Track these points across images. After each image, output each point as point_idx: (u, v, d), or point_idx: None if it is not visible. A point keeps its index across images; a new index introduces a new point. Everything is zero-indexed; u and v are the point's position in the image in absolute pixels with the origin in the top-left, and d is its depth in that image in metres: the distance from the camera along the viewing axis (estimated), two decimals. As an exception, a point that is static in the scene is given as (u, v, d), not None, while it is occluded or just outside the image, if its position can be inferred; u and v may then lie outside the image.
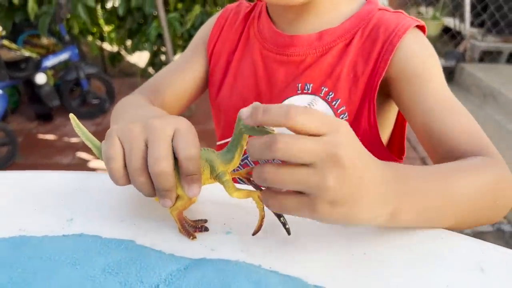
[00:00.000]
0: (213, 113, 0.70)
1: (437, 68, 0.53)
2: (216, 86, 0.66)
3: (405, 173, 0.38)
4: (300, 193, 0.32)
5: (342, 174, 0.30)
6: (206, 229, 0.40)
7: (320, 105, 0.56)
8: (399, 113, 0.62)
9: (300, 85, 0.58)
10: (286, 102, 0.58)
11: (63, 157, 2.22)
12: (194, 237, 0.39)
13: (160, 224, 0.41)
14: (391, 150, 0.63)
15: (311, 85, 0.57)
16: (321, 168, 0.30)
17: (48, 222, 0.41)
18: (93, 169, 2.11)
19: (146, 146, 0.37)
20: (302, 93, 0.57)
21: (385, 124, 0.61)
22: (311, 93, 0.57)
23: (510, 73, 2.89)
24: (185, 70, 0.66)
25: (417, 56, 0.52)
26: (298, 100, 0.57)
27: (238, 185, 0.39)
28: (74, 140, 2.39)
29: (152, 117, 0.39)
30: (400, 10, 0.57)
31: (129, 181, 0.37)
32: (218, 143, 0.68)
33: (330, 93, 0.56)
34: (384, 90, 0.55)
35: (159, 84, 0.65)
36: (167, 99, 0.64)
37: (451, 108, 0.50)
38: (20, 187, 0.47)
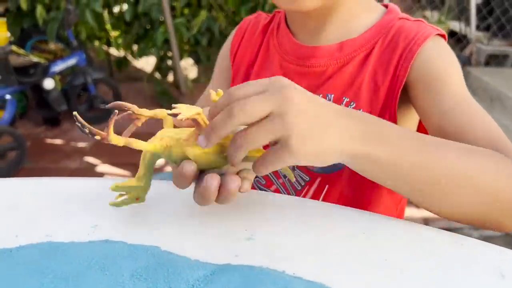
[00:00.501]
0: None
1: (457, 72, 0.53)
2: None
3: (373, 119, 0.40)
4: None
5: (297, 108, 0.35)
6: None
7: None
8: (420, 124, 0.62)
9: (321, 95, 0.57)
10: None
11: (71, 162, 2.24)
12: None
13: (183, 231, 0.41)
14: None
15: (332, 95, 0.57)
16: (278, 113, 0.34)
17: (74, 228, 0.41)
18: (101, 174, 2.12)
19: None
20: None
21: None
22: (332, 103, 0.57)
23: (517, 76, 2.89)
24: (214, 88, 0.68)
25: (437, 61, 0.52)
26: None
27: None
28: (81, 144, 2.41)
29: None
30: (421, 19, 0.57)
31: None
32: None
33: (352, 103, 0.56)
34: (404, 97, 0.55)
35: (202, 101, 0.69)
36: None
37: (468, 111, 0.49)
38: (45, 194, 0.48)
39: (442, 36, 0.55)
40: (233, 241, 0.40)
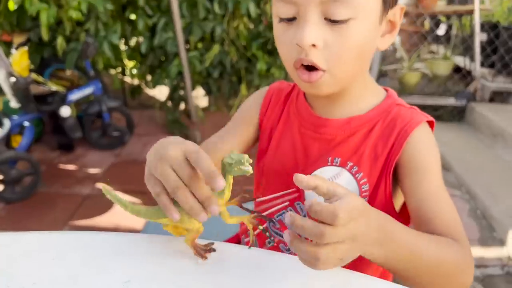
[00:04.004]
0: (256, 175, 0.80)
1: (437, 165, 0.64)
2: (262, 151, 0.78)
3: (392, 227, 0.52)
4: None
5: (355, 241, 0.46)
6: (214, 250, 0.52)
7: (345, 176, 0.67)
8: None
9: (330, 158, 0.68)
10: (317, 172, 0.68)
11: (83, 187, 2.31)
12: (205, 258, 0.50)
13: (212, 283, 0.47)
14: (402, 214, 0.71)
15: (339, 159, 0.67)
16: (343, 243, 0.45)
17: (108, 283, 0.48)
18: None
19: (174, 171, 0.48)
20: (331, 165, 0.68)
21: (399, 194, 0.70)
22: (338, 166, 0.67)
23: (520, 113, 2.94)
24: (229, 140, 0.77)
25: (422, 152, 0.64)
26: (327, 171, 0.68)
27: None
28: (93, 171, 2.48)
29: (166, 148, 0.50)
30: (414, 106, 0.68)
31: (174, 209, 0.49)
32: (259, 200, 0.77)
33: (355, 167, 0.67)
34: (395, 171, 0.65)
35: (207, 147, 0.76)
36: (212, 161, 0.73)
37: (439, 201, 0.61)
38: (84, 248, 0.54)
39: (431, 122, 0.67)
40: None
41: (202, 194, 0.48)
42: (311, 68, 0.60)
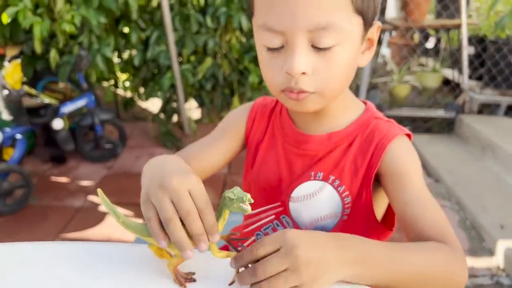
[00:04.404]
0: (244, 189, 0.82)
1: (417, 169, 0.66)
2: (248, 166, 0.80)
3: (355, 242, 0.52)
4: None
5: (306, 263, 0.47)
6: (194, 280, 0.51)
7: (328, 190, 0.69)
8: None
9: (313, 173, 0.71)
10: (302, 186, 0.71)
11: (75, 200, 2.30)
12: (185, 286, 0.50)
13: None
14: (384, 222, 0.74)
15: (322, 173, 0.70)
16: (292, 269, 0.47)
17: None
18: (104, 213, 2.18)
19: (172, 202, 0.49)
20: (314, 179, 0.70)
21: (380, 203, 0.73)
22: (321, 180, 0.70)
23: (508, 125, 2.99)
24: (211, 150, 0.79)
25: (401, 159, 0.66)
26: (310, 186, 0.70)
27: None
28: (85, 183, 2.48)
29: (170, 176, 0.51)
30: (391, 119, 0.71)
31: (168, 237, 0.49)
32: (252, 212, 0.79)
33: (336, 180, 0.69)
34: (378, 181, 0.68)
35: (189, 155, 0.77)
36: (194, 170, 0.73)
37: (423, 203, 0.63)
38: (77, 258, 0.55)
39: (408, 135, 0.69)
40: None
41: (196, 229, 0.49)
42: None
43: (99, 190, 0.54)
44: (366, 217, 0.70)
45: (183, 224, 0.49)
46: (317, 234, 0.51)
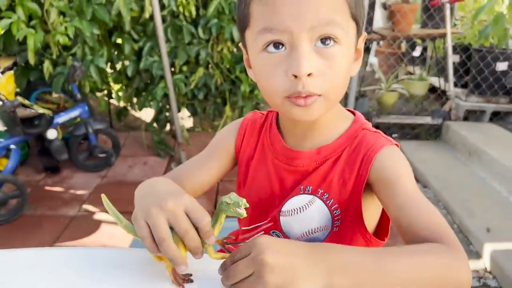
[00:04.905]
0: None
1: (407, 173, 0.66)
2: (240, 183, 0.82)
3: (335, 250, 0.51)
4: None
5: (271, 269, 0.47)
6: (191, 281, 0.55)
7: (318, 203, 0.71)
8: None
9: (302, 187, 0.72)
10: (292, 200, 0.73)
11: (70, 209, 2.32)
12: (183, 287, 0.54)
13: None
14: (378, 232, 0.76)
15: (311, 187, 0.71)
16: (257, 275, 0.48)
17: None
18: (99, 221, 2.21)
19: (167, 222, 0.53)
20: (303, 193, 0.72)
21: (372, 214, 0.74)
22: (310, 194, 0.72)
23: (493, 131, 3.07)
24: (202, 169, 0.80)
25: (390, 166, 0.66)
26: (300, 199, 0.72)
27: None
28: (80, 192, 2.50)
29: (165, 198, 0.55)
30: (378, 131, 0.72)
31: (159, 250, 0.53)
32: (244, 228, 0.82)
33: (325, 194, 0.71)
34: (368, 191, 0.69)
35: (181, 175, 0.79)
36: (186, 189, 0.76)
37: (416, 206, 0.62)
38: (78, 262, 0.59)
39: (396, 145, 0.70)
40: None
41: (194, 246, 0.53)
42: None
43: (102, 195, 0.59)
44: (355, 226, 0.70)
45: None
46: (292, 242, 0.52)
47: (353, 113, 0.75)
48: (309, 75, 0.59)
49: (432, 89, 3.66)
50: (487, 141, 2.81)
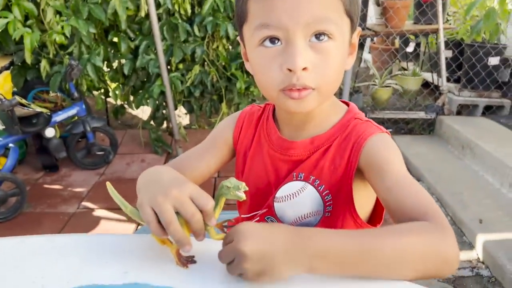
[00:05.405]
0: None
1: (396, 158, 0.68)
2: (238, 173, 0.85)
3: (316, 236, 0.54)
4: None
5: (249, 257, 0.51)
6: (195, 261, 0.59)
7: (309, 189, 0.74)
8: None
9: (295, 174, 0.76)
10: (285, 186, 0.76)
11: (69, 207, 2.35)
12: (187, 267, 0.58)
13: (190, 275, 0.56)
14: (373, 219, 0.79)
15: (303, 174, 0.75)
16: (237, 261, 0.52)
17: (111, 274, 0.56)
18: (98, 218, 2.24)
19: (173, 207, 0.56)
20: (296, 180, 0.75)
21: (365, 201, 0.76)
22: (302, 180, 0.75)
23: (485, 125, 3.12)
24: (202, 160, 0.84)
25: (379, 152, 0.69)
26: (293, 185, 0.76)
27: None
28: (78, 189, 2.53)
29: (170, 186, 0.58)
30: (369, 120, 0.75)
31: (165, 232, 0.56)
32: (244, 216, 0.86)
33: (317, 180, 0.74)
34: (359, 177, 0.71)
35: (181, 165, 0.82)
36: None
37: (404, 186, 0.64)
38: (87, 247, 0.62)
39: (387, 132, 0.73)
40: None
41: (199, 226, 0.56)
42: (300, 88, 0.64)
43: (107, 183, 0.62)
44: (346, 211, 0.73)
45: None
46: (275, 229, 0.55)
47: (347, 105, 0.78)
48: (303, 69, 0.62)
49: (426, 84, 3.70)
50: (480, 134, 2.86)
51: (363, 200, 0.76)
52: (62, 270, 0.57)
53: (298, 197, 0.75)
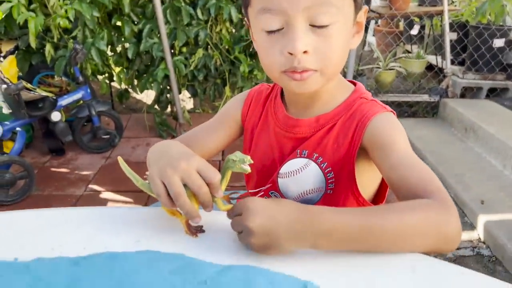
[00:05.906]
0: None
1: (401, 136, 0.69)
2: (246, 149, 0.87)
3: (322, 214, 0.55)
4: None
5: (255, 232, 0.53)
6: (203, 231, 0.61)
7: (312, 166, 0.76)
8: None
9: (299, 151, 0.78)
10: (289, 163, 0.78)
11: (76, 189, 2.39)
12: (196, 236, 0.60)
13: (199, 243, 0.59)
14: (377, 198, 0.81)
15: (307, 151, 0.77)
16: (244, 234, 0.55)
17: (123, 243, 0.59)
18: (105, 200, 2.28)
19: (181, 180, 0.58)
20: (300, 156, 0.77)
21: (369, 180, 0.77)
22: (306, 157, 0.77)
23: (489, 108, 3.12)
24: (211, 136, 0.86)
25: (383, 130, 0.70)
26: (297, 162, 0.77)
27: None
28: (85, 172, 2.56)
29: (178, 159, 0.60)
30: (375, 99, 0.76)
31: (174, 204, 0.58)
32: (251, 191, 0.88)
33: (320, 157, 0.76)
34: (363, 156, 0.72)
35: (190, 140, 0.84)
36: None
37: (408, 164, 0.65)
38: (100, 218, 0.65)
39: (392, 112, 0.74)
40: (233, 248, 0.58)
41: (207, 199, 0.59)
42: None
43: (119, 158, 0.65)
44: (348, 189, 0.74)
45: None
46: (281, 206, 0.55)
47: (354, 84, 0.79)
48: (304, 52, 0.63)
49: (430, 67, 3.69)
50: (483, 117, 2.86)
51: (368, 180, 0.76)
52: (78, 238, 0.60)
53: (301, 173, 0.77)
